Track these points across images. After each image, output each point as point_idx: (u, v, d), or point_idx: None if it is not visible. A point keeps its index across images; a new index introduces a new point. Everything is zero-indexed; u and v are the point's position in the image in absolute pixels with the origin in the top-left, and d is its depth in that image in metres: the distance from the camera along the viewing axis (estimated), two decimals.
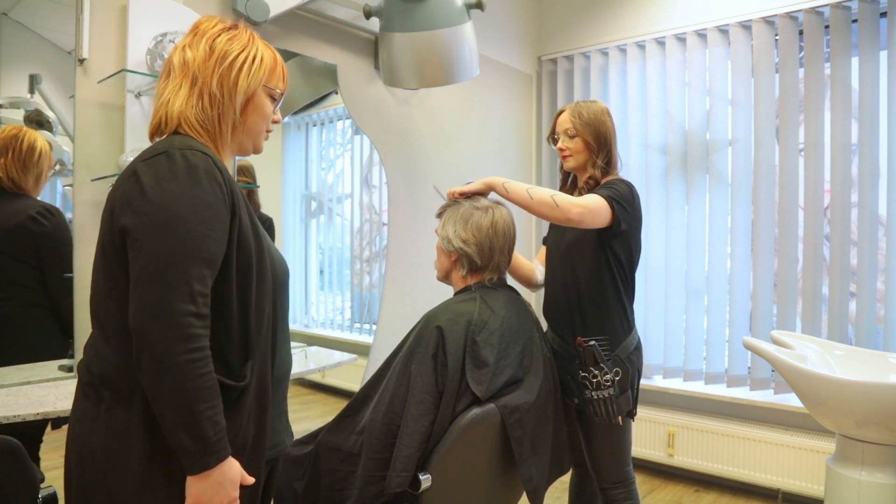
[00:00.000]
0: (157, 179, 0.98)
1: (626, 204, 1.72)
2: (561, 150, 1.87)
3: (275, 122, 1.20)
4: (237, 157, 2.19)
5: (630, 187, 1.78)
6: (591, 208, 1.64)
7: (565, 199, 1.62)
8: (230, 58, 1.10)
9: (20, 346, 1.73)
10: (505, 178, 1.72)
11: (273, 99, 1.18)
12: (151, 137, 1.11)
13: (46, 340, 1.79)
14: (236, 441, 1.04)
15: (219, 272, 1.01)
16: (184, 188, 0.98)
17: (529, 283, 1.99)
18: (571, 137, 1.84)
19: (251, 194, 2.28)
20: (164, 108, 1.08)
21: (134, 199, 0.98)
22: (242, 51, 1.11)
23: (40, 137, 1.78)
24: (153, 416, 0.96)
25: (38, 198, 1.84)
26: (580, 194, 1.84)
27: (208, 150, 1.05)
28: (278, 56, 1.18)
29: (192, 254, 0.96)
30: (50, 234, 1.78)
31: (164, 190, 0.97)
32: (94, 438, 0.99)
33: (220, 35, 1.12)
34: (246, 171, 2.25)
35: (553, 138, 1.91)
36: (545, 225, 2.07)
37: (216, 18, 1.16)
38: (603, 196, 1.68)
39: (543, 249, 2.05)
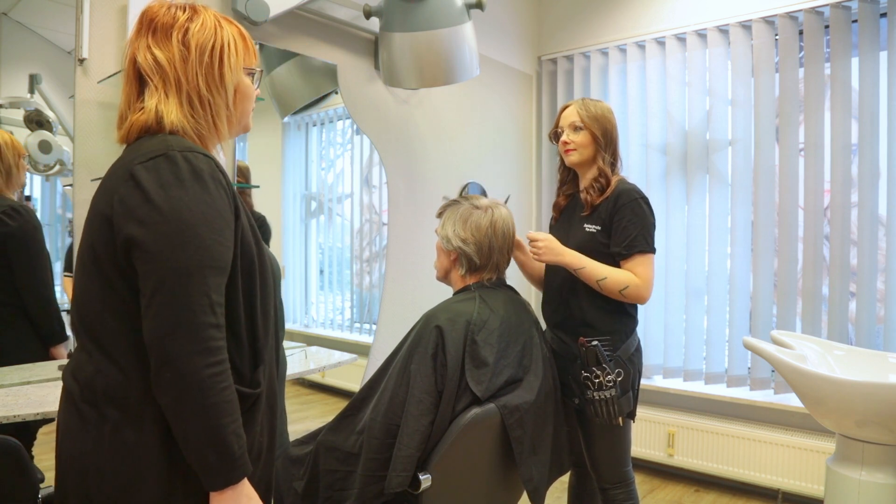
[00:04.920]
0: (162, 185, 0.92)
1: (653, 229, 1.79)
2: (565, 143, 1.85)
3: (256, 97, 1.15)
4: (235, 157, 2.20)
5: (648, 205, 1.80)
6: (650, 280, 1.76)
7: (632, 292, 1.74)
8: (208, 51, 1.03)
9: None
10: (573, 254, 1.76)
11: (252, 75, 1.12)
12: (128, 142, 1.04)
13: (19, 340, 1.74)
14: (252, 449, 1.02)
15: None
16: (193, 194, 0.93)
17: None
18: (577, 130, 1.83)
19: (245, 194, 2.27)
20: (152, 115, 1.00)
21: (137, 206, 0.92)
22: (215, 38, 1.04)
23: None
24: (168, 435, 0.92)
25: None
26: (588, 194, 1.83)
27: (207, 153, 1.00)
28: (243, 29, 1.11)
29: (209, 263, 0.92)
30: (15, 233, 1.71)
31: (172, 197, 0.92)
32: (100, 461, 0.93)
33: (186, 27, 1.02)
34: (242, 172, 2.24)
35: (556, 133, 1.90)
36: (545, 226, 2.07)
37: (167, 4, 1.05)
38: (646, 252, 1.75)
39: None
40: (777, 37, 2.83)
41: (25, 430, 1.59)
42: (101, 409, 0.94)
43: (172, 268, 0.90)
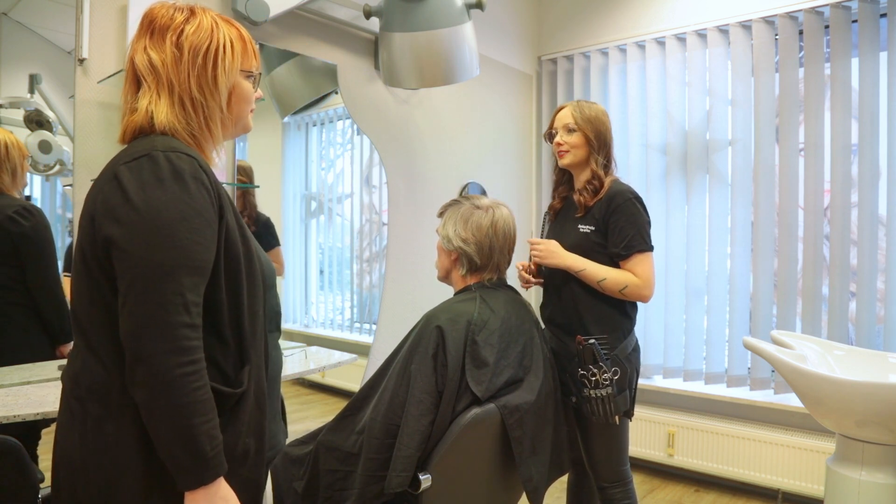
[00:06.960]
0: (142, 185, 0.93)
1: (649, 227, 1.82)
2: (558, 144, 1.86)
3: (257, 98, 1.15)
4: (236, 157, 2.20)
5: (642, 204, 1.82)
6: (650, 278, 1.78)
7: (632, 291, 1.77)
8: (201, 53, 1.03)
9: (2, 347, 1.70)
10: (573, 257, 1.80)
11: (251, 77, 1.12)
12: (126, 143, 1.05)
13: (30, 340, 1.75)
14: (237, 449, 1.02)
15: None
16: (171, 194, 0.93)
17: None
18: (571, 132, 1.84)
19: (248, 194, 2.27)
20: (143, 115, 1.01)
21: (117, 206, 0.93)
22: (210, 41, 1.04)
23: (1, 129, 1.72)
24: (146, 431, 0.92)
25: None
26: (581, 196, 1.84)
27: (192, 152, 1.00)
28: (244, 31, 1.10)
29: (184, 263, 0.92)
30: (28, 233, 1.72)
31: (151, 197, 0.92)
32: (83, 455, 0.95)
33: (182, 28, 1.03)
34: (244, 172, 2.25)
35: (550, 134, 1.91)
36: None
37: (168, 5, 1.06)
38: (645, 250, 1.78)
39: None
40: (777, 37, 2.83)
41: (30, 430, 1.60)
42: (85, 404, 0.96)
43: (147, 266, 0.90)
